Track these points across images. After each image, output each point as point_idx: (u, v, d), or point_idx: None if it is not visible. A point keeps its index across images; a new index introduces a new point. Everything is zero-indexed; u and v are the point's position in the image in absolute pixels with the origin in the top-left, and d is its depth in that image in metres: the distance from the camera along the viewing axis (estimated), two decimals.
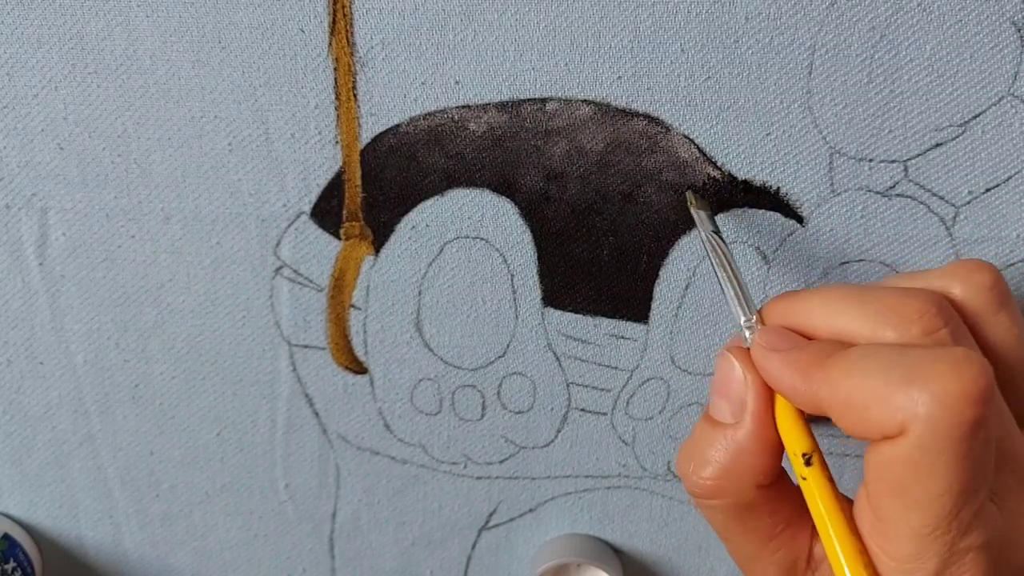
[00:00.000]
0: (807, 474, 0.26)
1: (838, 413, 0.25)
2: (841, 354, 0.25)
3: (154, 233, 0.37)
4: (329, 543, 0.44)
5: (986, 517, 0.24)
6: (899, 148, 0.35)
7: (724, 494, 0.28)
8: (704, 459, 0.28)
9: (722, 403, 0.28)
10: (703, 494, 0.28)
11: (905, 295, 0.26)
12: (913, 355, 0.24)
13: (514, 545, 0.43)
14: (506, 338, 0.39)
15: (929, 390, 0.23)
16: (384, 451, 0.41)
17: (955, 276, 0.27)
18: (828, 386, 0.25)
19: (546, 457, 0.41)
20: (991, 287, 0.27)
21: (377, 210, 0.36)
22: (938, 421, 0.23)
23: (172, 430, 0.41)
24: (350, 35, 0.34)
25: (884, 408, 0.24)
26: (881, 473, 0.24)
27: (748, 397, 0.28)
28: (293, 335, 0.39)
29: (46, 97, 0.35)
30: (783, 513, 0.28)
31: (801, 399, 0.26)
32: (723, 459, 0.28)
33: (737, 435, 0.28)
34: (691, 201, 0.34)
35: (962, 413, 0.23)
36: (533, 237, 0.37)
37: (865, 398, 0.24)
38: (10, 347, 0.39)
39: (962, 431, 0.23)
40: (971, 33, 0.33)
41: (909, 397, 0.23)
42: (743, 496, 0.28)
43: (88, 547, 0.44)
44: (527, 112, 0.34)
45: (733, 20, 0.33)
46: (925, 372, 0.23)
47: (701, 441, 0.28)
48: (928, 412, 0.23)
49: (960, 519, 0.24)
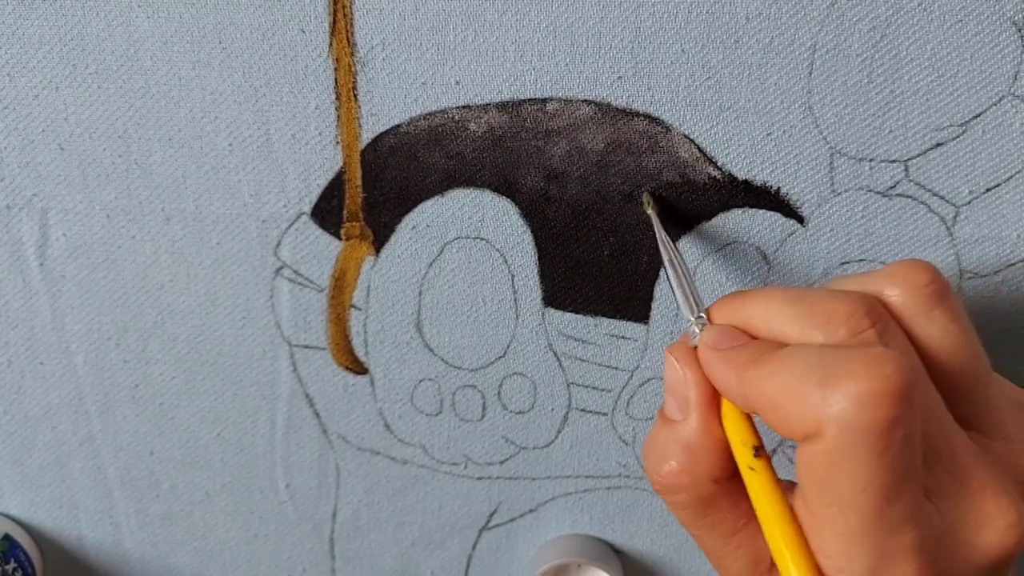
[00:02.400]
0: (755, 464, 0.27)
1: (764, 412, 0.26)
2: (771, 354, 0.26)
3: (154, 234, 0.37)
4: (329, 543, 0.44)
5: (919, 516, 0.24)
6: (900, 148, 0.35)
7: (683, 489, 0.28)
8: (662, 455, 0.29)
9: (671, 400, 0.29)
10: (664, 489, 0.29)
11: (836, 297, 0.26)
12: (832, 356, 0.24)
13: (514, 545, 0.43)
14: (506, 338, 0.39)
15: (841, 390, 0.23)
16: (384, 451, 0.41)
17: (891, 277, 0.28)
18: (755, 385, 0.26)
19: (546, 457, 0.41)
20: (925, 285, 0.27)
21: (377, 210, 0.36)
22: (850, 420, 0.23)
23: (172, 430, 0.41)
24: (350, 35, 0.34)
25: (800, 408, 0.24)
26: (805, 473, 0.25)
27: (690, 394, 0.28)
28: (293, 335, 0.39)
29: (47, 98, 0.35)
30: (744, 508, 0.28)
31: (735, 398, 0.27)
32: (678, 455, 0.28)
33: (685, 431, 0.28)
34: (646, 202, 0.35)
35: (875, 412, 0.23)
36: (533, 237, 0.37)
37: (786, 398, 0.25)
38: (10, 347, 0.39)
39: (876, 430, 0.23)
40: (971, 33, 0.33)
41: (824, 397, 0.23)
42: (701, 490, 0.28)
43: (88, 547, 0.44)
44: (527, 112, 0.34)
45: (734, 20, 0.33)
46: (839, 372, 0.24)
47: (658, 438, 0.29)
48: (840, 411, 0.23)
49: (886, 518, 0.24)
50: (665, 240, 0.33)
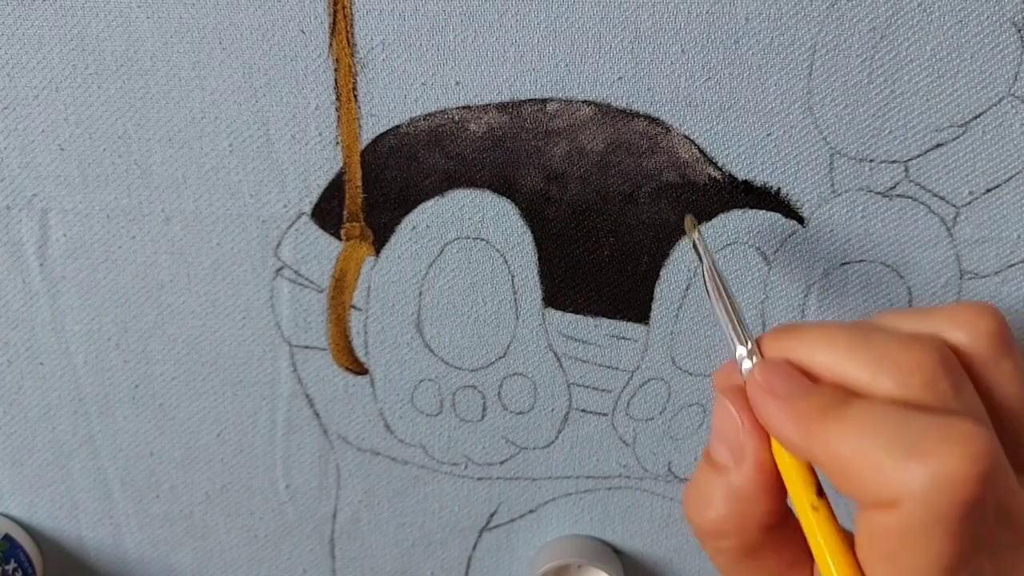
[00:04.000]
0: (818, 504, 0.26)
1: (832, 473, 0.24)
2: (841, 411, 0.24)
3: (155, 234, 0.37)
4: (330, 544, 0.44)
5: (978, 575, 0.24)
6: (900, 148, 0.35)
7: (729, 536, 0.27)
8: (708, 501, 0.27)
9: (721, 447, 0.28)
10: (708, 536, 0.28)
11: (908, 343, 0.25)
12: (915, 423, 0.23)
13: (515, 546, 0.43)
14: (507, 339, 0.39)
15: (928, 467, 0.22)
16: (385, 452, 0.41)
17: (960, 321, 0.26)
18: (824, 445, 0.24)
19: (547, 458, 0.41)
20: (996, 334, 0.26)
21: (378, 211, 0.36)
22: (934, 500, 0.22)
23: (172, 431, 0.41)
24: (350, 36, 0.34)
25: (879, 478, 0.23)
26: (871, 539, 0.24)
27: (746, 443, 0.27)
28: (294, 336, 0.39)
29: (47, 98, 0.35)
30: (788, 553, 0.27)
31: (797, 452, 0.26)
32: (725, 502, 0.27)
33: (738, 480, 0.27)
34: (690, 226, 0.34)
35: (959, 494, 0.22)
36: (534, 238, 0.37)
37: (861, 464, 0.23)
38: (10, 347, 0.39)
39: (958, 512, 0.22)
40: (971, 33, 0.33)
41: (907, 470, 0.22)
42: (748, 538, 0.27)
43: (88, 547, 0.44)
44: (528, 113, 0.34)
45: (733, 21, 0.33)
46: (926, 447, 0.22)
47: (704, 483, 0.28)
48: (924, 489, 0.22)
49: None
50: (711, 267, 0.31)
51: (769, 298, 0.37)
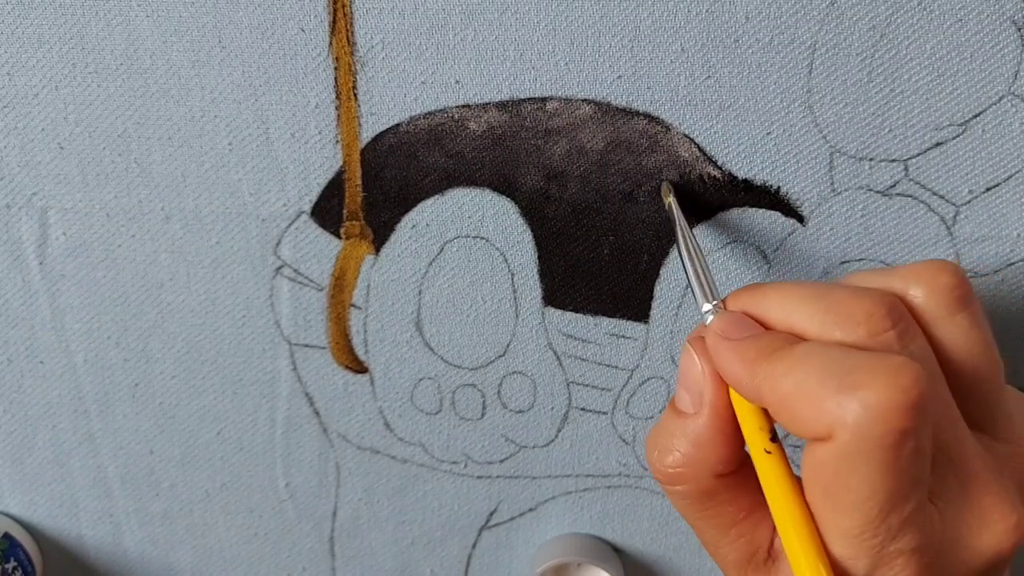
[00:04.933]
0: (772, 448, 0.27)
1: (775, 409, 0.25)
2: (786, 350, 0.25)
3: (154, 233, 0.37)
4: (329, 542, 0.44)
5: (921, 520, 0.24)
6: (899, 147, 0.35)
7: (685, 481, 0.28)
8: (667, 447, 0.29)
9: (684, 393, 0.29)
10: (666, 480, 0.29)
11: (858, 295, 0.26)
12: (852, 359, 0.24)
13: (514, 544, 0.43)
14: (506, 337, 0.39)
15: (859, 398, 0.23)
16: (384, 450, 0.41)
17: (916, 277, 0.27)
18: (768, 381, 0.25)
19: (546, 456, 0.41)
20: (952, 288, 0.27)
21: (377, 209, 0.36)
22: (864, 430, 0.23)
23: (172, 429, 0.41)
24: (350, 34, 0.34)
25: (815, 411, 0.24)
26: (812, 473, 0.25)
27: (705, 388, 0.28)
28: (293, 334, 0.39)
29: (46, 97, 0.35)
30: (744, 501, 0.28)
31: (744, 391, 0.27)
32: (684, 448, 0.28)
33: (696, 425, 0.28)
34: (666, 191, 0.35)
35: (889, 423, 0.23)
36: (533, 236, 0.37)
37: (800, 399, 0.24)
38: (10, 346, 0.39)
39: (888, 440, 0.23)
40: (971, 32, 0.33)
41: (839, 403, 0.23)
42: (703, 484, 0.28)
43: (88, 546, 0.44)
44: (527, 111, 0.34)
45: (733, 19, 0.33)
46: (858, 379, 0.23)
47: (665, 430, 0.29)
48: (855, 420, 0.23)
49: (888, 524, 0.24)
50: (683, 226, 0.33)
51: None
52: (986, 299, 0.37)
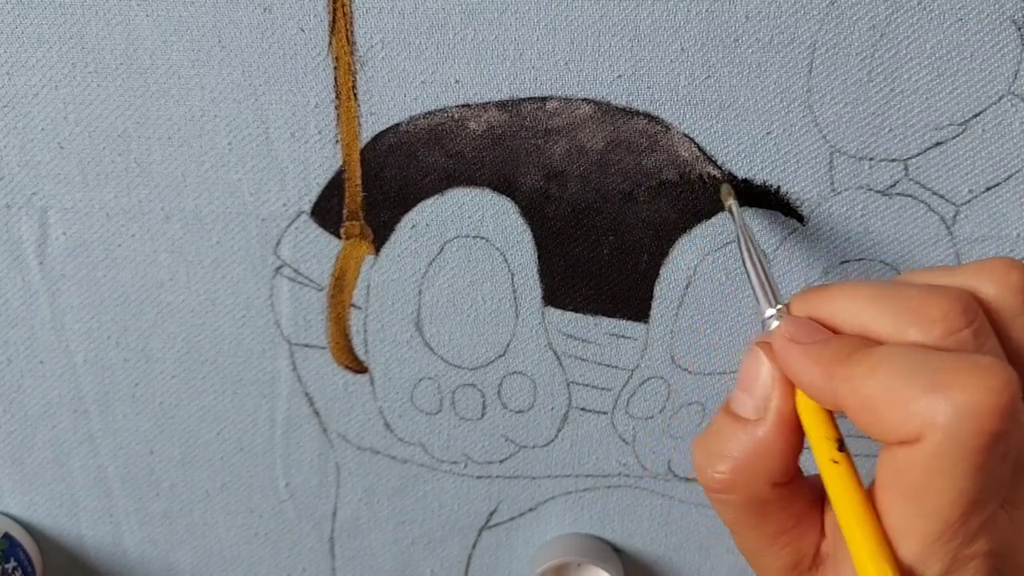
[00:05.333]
0: (839, 458, 0.26)
1: (856, 412, 0.25)
2: (864, 352, 0.25)
3: (154, 232, 0.37)
4: (329, 542, 0.44)
5: (995, 525, 0.24)
6: (899, 147, 0.35)
7: (738, 490, 0.27)
8: (721, 453, 0.27)
9: (745, 398, 0.28)
10: (717, 488, 0.28)
11: (931, 293, 0.25)
12: (938, 360, 0.23)
13: (514, 544, 0.43)
14: (506, 337, 0.39)
15: (951, 399, 0.22)
16: (384, 450, 0.41)
17: (988, 274, 0.26)
18: (848, 384, 0.25)
19: (546, 456, 0.41)
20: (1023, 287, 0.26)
21: (377, 209, 0.36)
22: (957, 431, 0.22)
23: (172, 429, 0.41)
24: (350, 34, 0.34)
25: (903, 412, 0.23)
26: (894, 476, 0.24)
27: (773, 394, 0.27)
28: (293, 334, 0.39)
29: (46, 96, 0.35)
30: (795, 510, 0.28)
31: (820, 395, 0.26)
32: (741, 455, 0.27)
33: (758, 432, 0.27)
34: (726, 194, 0.34)
35: (982, 425, 0.22)
36: (533, 236, 0.37)
37: (885, 401, 0.24)
38: (10, 346, 0.39)
39: (980, 443, 0.22)
40: (971, 32, 0.33)
41: (929, 404, 0.23)
42: (758, 493, 0.27)
43: (88, 546, 0.44)
44: (527, 111, 0.34)
45: (733, 19, 0.33)
46: (948, 380, 0.23)
47: (720, 435, 0.28)
48: (948, 421, 0.22)
49: (968, 527, 0.23)
50: (745, 230, 0.32)
51: None
52: None
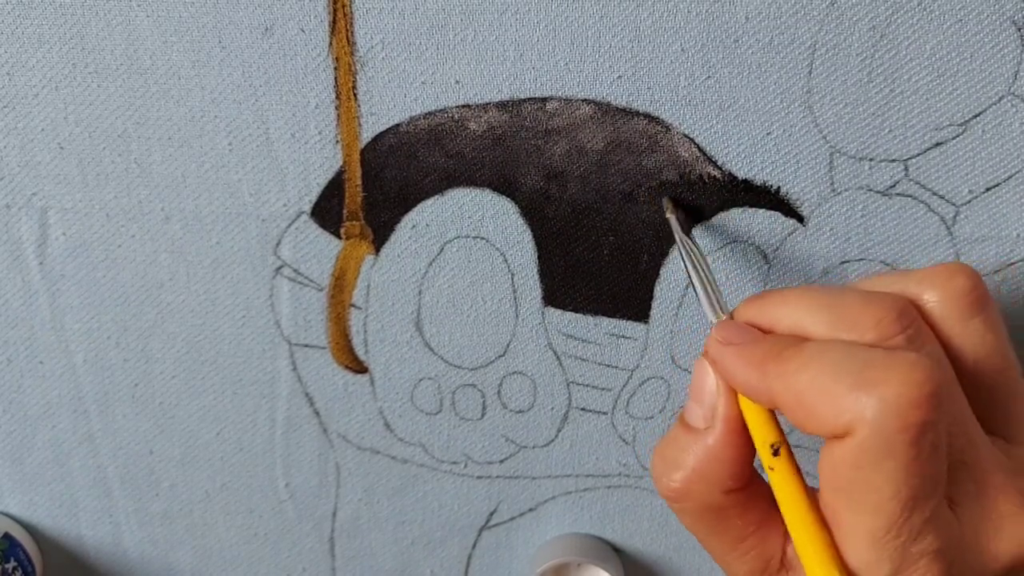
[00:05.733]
0: (775, 464, 0.27)
1: (790, 409, 0.25)
2: (795, 349, 0.25)
3: (154, 233, 0.37)
4: (329, 542, 0.44)
5: (941, 522, 0.24)
6: (899, 147, 0.35)
7: (693, 498, 0.28)
8: (675, 463, 0.28)
9: (695, 408, 0.28)
10: (673, 497, 0.28)
11: (868, 300, 0.26)
12: (866, 356, 0.24)
13: (514, 544, 0.43)
14: (506, 337, 0.39)
15: (876, 394, 0.23)
16: (384, 450, 0.41)
17: (931, 281, 0.27)
18: (781, 380, 0.25)
19: (546, 456, 0.41)
20: (967, 293, 0.27)
21: (377, 209, 0.36)
22: (883, 425, 0.23)
23: (172, 429, 0.41)
24: (350, 34, 0.34)
25: (832, 408, 0.24)
26: (831, 473, 0.25)
27: (719, 403, 0.28)
28: (293, 334, 0.39)
29: (46, 97, 0.35)
30: (754, 515, 0.28)
31: (756, 395, 0.26)
32: (693, 464, 0.28)
33: (708, 441, 0.28)
34: (667, 207, 0.35)
35: (907, 418, 0.23)
36: (533, 236, 0.37)
37: (816, 396, 0.24)
38: (10, 346, 0.39)
39: (908, 436, 0.23)
40: (971, 32, 0.33)
41: (857, 399, 0.23)
42: (712, 500, 0.28)
43: (88, 546, 0.44)
44: (527, 111, 0.34)
45: (733, 19, 0.33)
46: (875, 376, 0.23)
47: (674, 444, 0.28)
48: (874, 416, 0.23)
49: (911, 524, 0.24)
50: (686, 242, 0.33)
51: None
52: None
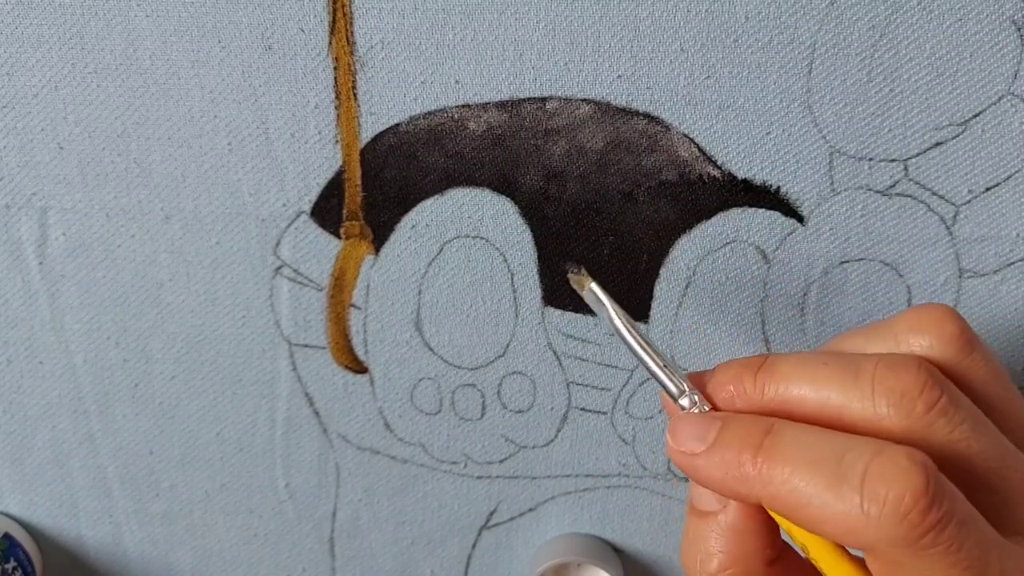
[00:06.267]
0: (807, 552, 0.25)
1: (789, 519, 0.24)
2: (772, 441, 0.24)
3: (154, 233, 0.37)
4: (329, 542, 0.44)
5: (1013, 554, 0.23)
6: (899, 147, 0.35)
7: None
8: (705, 553, 0.27)
9: (701, 493, 0.27)
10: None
11: (895, 367, 0.25)
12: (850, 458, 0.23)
13: (514, 544, 0.43)
14: (506, 337, 0.39)
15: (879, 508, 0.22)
16: (384, 450, 0.41)
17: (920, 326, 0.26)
18: (768, 490, 0.24)
19: (546, 456, 0.41)
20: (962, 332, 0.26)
21: (377, 209, 0.36)
22: (898, 539, 0.22)
23: (172, 429, 0.41)
24: (350, 34, 0.33)
25: (837, 529, 0.23)
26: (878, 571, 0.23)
27: None
28: (293, 334, 0.39)
29: (46, 97, 0.35)
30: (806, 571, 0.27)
31: (749, 501, 0.25)
32: (722, 547, 0.26)
33: (729, 519, 0.26)
34: (584, 277, 0.31)
35: (919, 527, 0.22)
36: (533, 236, 0.37)
37: (813, 512, 0.23)
38: (10, 346, 0.39)
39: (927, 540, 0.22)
40: (971, 32, 0.33)
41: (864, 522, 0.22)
42: (756, 574, 0.26)
43: (88, 546, 0.44)
44: (527, 111, 0.34)
45: (733, 19, 0.33)
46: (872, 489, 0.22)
47: (695, 536, 0.27)
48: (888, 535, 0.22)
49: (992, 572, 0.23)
50: (620, 316, 0.29)
51: (768, 296, 0.37)
52: (985, 298, 0.37)
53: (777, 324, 0.38)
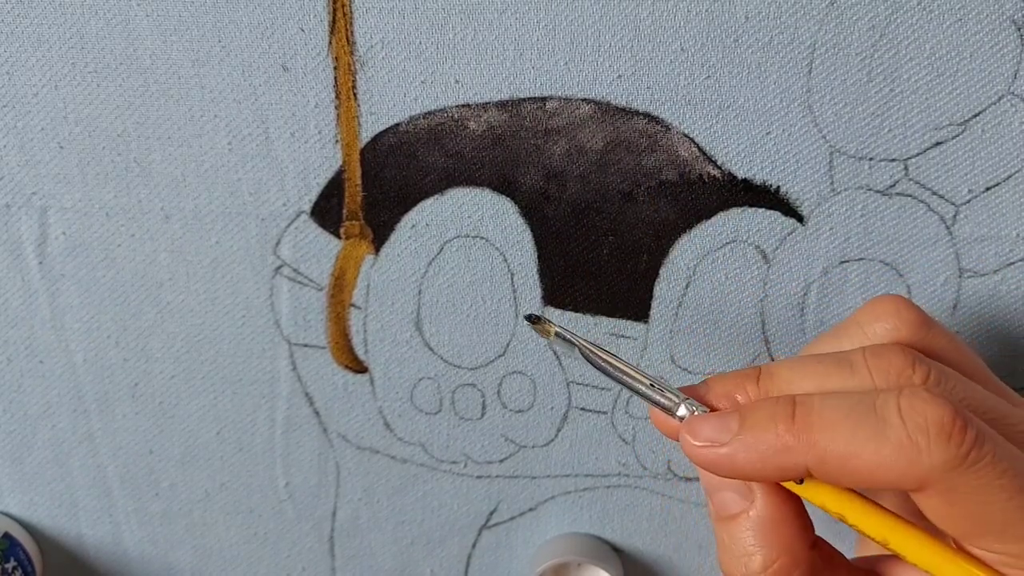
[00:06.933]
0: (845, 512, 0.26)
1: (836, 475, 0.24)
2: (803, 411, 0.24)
3: (154, 232, 0.37)
4: (329, 542, 0.44)
5: None
6: (899, 147, 0.35)
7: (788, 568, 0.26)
8: (746, 552, 0.26)
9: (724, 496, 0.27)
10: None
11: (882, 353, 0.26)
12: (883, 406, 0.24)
13: (514, 544, 0.43)
14: (506, 337, 0.39)
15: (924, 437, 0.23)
16: (384, 450, 0.41)
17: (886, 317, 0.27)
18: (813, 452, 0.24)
19: (546, 456, 0.41)
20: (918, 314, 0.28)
21: (377, 209, 0.36)
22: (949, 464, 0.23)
23: (172, 429, 0.41)
24: (350, 34, 0.34)
25: (889, 474, 0.23)
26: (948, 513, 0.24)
27: None
28: (293, 334, 0.39)
29: (46, 96, 0.35)
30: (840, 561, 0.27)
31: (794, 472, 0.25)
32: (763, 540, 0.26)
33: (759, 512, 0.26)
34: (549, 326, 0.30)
35: (962, 449, 0.23)
36: (533, 236, 0.37)
37: (862, 461, 0.23)
38: (10, 346, 0.39)
39: (972, 459, 0.23)
40: (971, 32, 0.33)
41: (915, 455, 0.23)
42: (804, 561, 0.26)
43: (88, 545, 0.44)
44: (527, 111, 0.34)
45: (733, 19, 0.33)
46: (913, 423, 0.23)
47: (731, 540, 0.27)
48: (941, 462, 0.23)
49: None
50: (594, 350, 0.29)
51: (768, 296, 0.37)
52: (986, 299, 0.37)
53: (777, 324, 0.38)
